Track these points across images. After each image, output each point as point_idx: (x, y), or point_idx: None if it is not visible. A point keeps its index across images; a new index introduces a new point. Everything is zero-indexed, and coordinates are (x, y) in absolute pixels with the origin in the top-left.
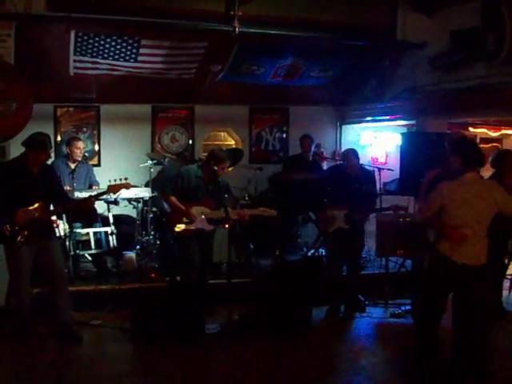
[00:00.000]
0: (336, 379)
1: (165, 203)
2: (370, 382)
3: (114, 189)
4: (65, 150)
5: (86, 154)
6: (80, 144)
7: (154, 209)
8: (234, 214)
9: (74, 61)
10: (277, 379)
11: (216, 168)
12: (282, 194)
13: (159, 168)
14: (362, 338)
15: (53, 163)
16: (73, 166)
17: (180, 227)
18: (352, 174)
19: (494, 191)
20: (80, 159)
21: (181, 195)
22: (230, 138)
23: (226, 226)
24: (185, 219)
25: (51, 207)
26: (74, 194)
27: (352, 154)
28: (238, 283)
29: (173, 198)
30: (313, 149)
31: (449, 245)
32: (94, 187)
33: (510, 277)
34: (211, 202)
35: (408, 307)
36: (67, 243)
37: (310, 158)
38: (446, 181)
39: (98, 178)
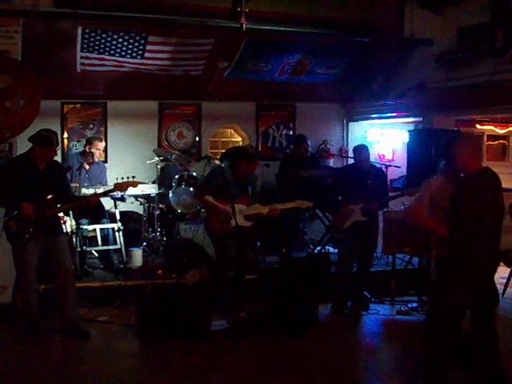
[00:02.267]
0: (342, 376)
1: (172, 201)
2: (376, 379)
3: (120, 187)
4: (81, 147)
5: (93, 151)
6: (100, 145)
7: (161, 205)
8: (264, 208)
9: (81, 57)
10: (282, 376)
11: (246, 165)
12: (288, 190)
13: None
14: (368, 335)
15: (66, 158)
16: (87, 164)
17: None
18: (364, 170)
19: None
20: (97, 160)
21: (216, 194)
22: (236, 135)
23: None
24: (222, 217)
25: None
26: (81, 191)
27: (363, 148)
28: (245, 280)
29: (209, 198)
30: (309, 145)
31: None
32: (98, 184)
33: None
34: (247, 198)
35: (415, 304)
36: (74, 239)
37: (308, 154)
38: None
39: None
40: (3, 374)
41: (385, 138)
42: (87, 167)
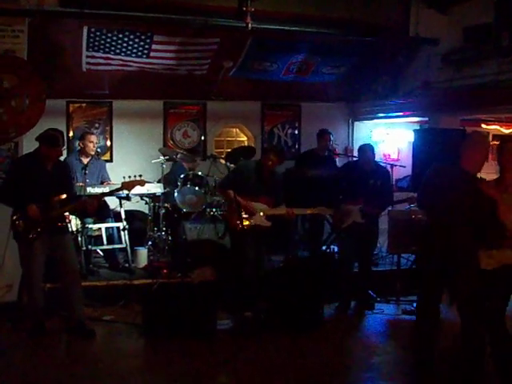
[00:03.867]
0: (347, 376)
1: (177, 200)
2: (381, 378)
3: (128, 186)
4: (77, 145)
5: (99, 150)
6: (93, 138)
7: (166, 204)
8: (281, 210)
9: (87, 57)
10: (287, 375)
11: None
12: (295, 190)
13: (171, 164)
14: (373, 335)
15: (65, 159)
16: (86, 161)
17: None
18: (368, 170)
19: None
20: (93, 153)
21: (238, 190)
22: (242, 135)
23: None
24: (244, 214)
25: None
26: (86, 190)
27: (368, 149)
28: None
29: (231, 192)
30: (331, 139)
31: None
32: (104, 183)
33: None
34: (269, 198)
35: None
36: (79, 238)
37: (326, 153)
38: None
39: (110, 174)
40: (8, 373)
41: (390, 138)
42: (85, 162)
